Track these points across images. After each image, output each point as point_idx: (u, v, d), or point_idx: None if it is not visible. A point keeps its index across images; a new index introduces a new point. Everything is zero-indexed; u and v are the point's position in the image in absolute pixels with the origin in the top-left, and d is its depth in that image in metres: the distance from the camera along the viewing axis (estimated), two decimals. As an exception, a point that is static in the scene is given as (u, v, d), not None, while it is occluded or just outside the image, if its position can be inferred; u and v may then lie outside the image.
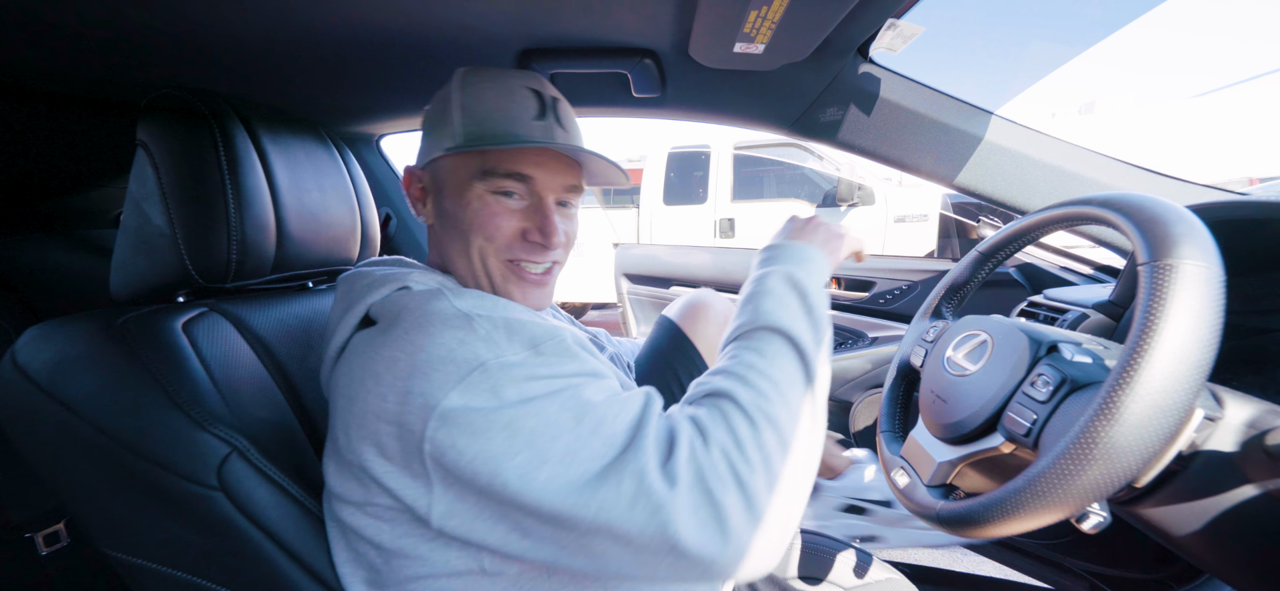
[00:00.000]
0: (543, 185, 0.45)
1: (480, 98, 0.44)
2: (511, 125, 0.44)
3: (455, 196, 0.45)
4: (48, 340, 0.41)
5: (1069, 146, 0.76)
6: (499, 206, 0.44)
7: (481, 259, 0.45)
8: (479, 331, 0.36)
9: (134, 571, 0.43)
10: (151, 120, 0.46)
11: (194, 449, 0.39)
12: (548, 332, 0.38)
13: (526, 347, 0.37)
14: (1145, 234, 0.32)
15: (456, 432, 0.33)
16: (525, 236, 0.45)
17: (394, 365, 0.36)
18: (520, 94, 0.45)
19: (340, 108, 0.82)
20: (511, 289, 0.46)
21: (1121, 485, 0.29)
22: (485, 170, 0.44)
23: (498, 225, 0.44)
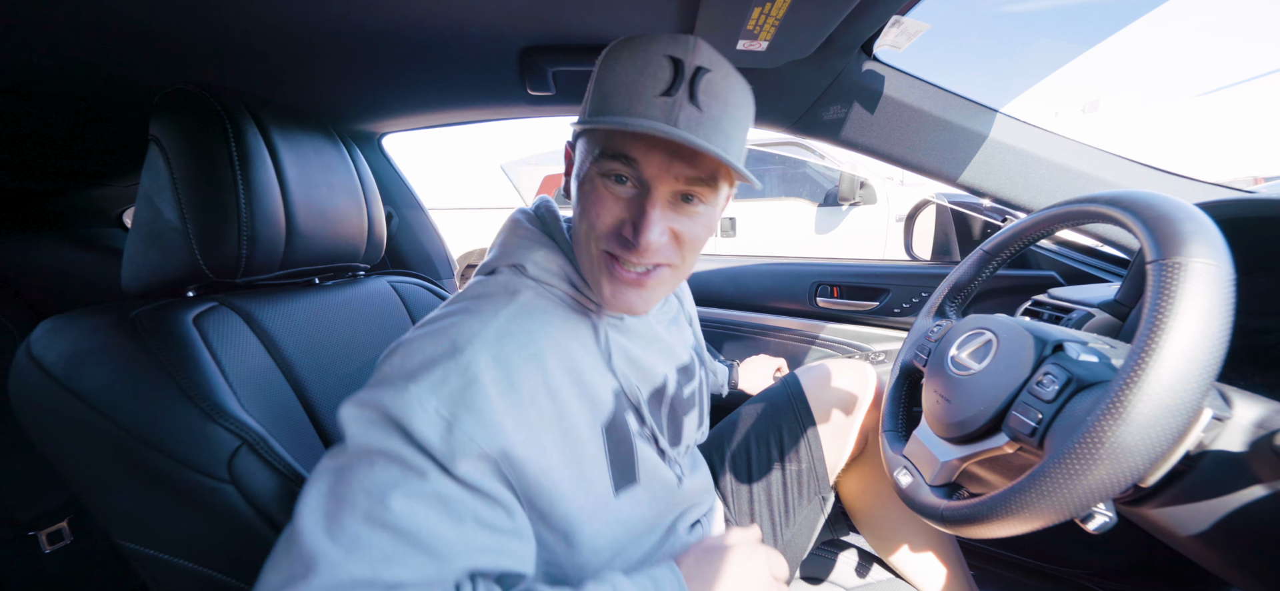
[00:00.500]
0: (651, 173, 0.38)
1: (614, 67, 0.39)
2: (631, 99, 0.37)
3: (577, 177, 0.42)
4: (61, 333, 0.41)
5: (1074, 144, 0.76)
6: (606, 192, 0.40)
7: (587, 243, 0.42)
8: (451, 363, 0.37)
9: (146, 562, 0.43)
10: (164, 116, 0.46)
11: (205, 441, 0.40)
12: (482, 421, 0.36)
13: (448, 413, 0.35)
14: (1153, 232, 0.32)
15: (342, 430, 0.36)
16: (621, 230, 0.40)
17: (432, 324, 0.40)
18: (654, 63, 0.38)
19: (344, 105, 0.82)
20: (602, 283, 0.42)
21: (1128, 485, 0.29)
22: (600, 151, 0.39)
23: (599, 211, 0.40)
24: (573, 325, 0.45)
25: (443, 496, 0.34)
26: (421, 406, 0.35)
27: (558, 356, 0.42)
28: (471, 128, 1.09)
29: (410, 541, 0.33)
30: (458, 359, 0.37)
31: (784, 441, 0.68)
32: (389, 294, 0.72)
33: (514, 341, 0.40)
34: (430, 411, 0.35)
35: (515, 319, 0.41)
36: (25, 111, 0.65)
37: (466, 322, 0.40)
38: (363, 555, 0.32)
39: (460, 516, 0.35)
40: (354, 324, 0.62)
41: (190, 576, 0.43)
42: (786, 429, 0.68)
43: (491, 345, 0.39)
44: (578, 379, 0.42)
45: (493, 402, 0.37)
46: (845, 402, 0.68)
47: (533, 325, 0.42)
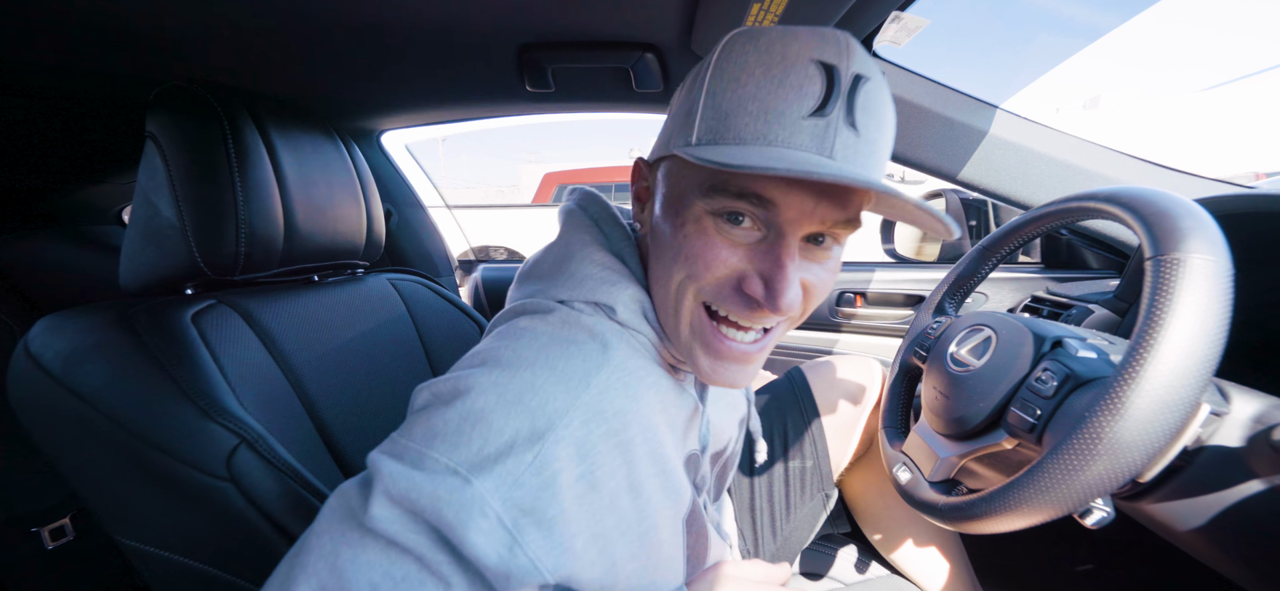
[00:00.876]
0: (789, 215, 0.30)
1: (740, 76, 0.29)
2: (767, 125, 0.29)
3: (671, 210, 0.33)
4: (59, 331, 0.41)
5: (1074, 140, 0.76)
6: (720, 237, 0.31)
7: (678, 297, 0.33)
8: (530, 452, 0.28)
9: (146, 559, 0.43)
10: (160, 113, 0.46)
11: (203, 439, 0.40)
12: (551, 545, 0.27)
13: (513, 525, 0.26)
14: (1152, 228, 0.32)
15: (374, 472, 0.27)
16: (742, 284, 0.32)
17: (504, 370, 0.30)
18: (798, 73, 0.29)
19: (342, 102, 0.82)
20: (698, 354, 0.34)
21: (1126, 481, 0.29)
22: (713, 184, 0.30)
23: (710, 261, 0.31)
24: (662, 394, 0.35)
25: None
26: (483, 514, 0.26)
27: (646, 441, 0.32)
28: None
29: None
30: (538, 450, 0.28)
31: (788, 436, 0.67)
32: (389, 291, 0.72)
33: (604, 425, 0.30)
34: (492, 519, 0.26)
35: (609, 392, 0.31)
36: (22, 108, 0.65)
37: (551, 391, 0.29)
38: None
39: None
40: (354, 321, 0.62)
41: (190, 573, 0.43)
42: (791, 423, 0.67)
43: (578, 430, 0.29)
44: (662, 466, 0.33)
45: (568, 514, 0.28)
46: (851, 399, 0.67)
47: (626, 401, 0.32)
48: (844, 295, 1.00)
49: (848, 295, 1.00)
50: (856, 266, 1.01)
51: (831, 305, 1.01)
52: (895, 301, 0.97)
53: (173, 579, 0.44)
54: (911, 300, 0.97)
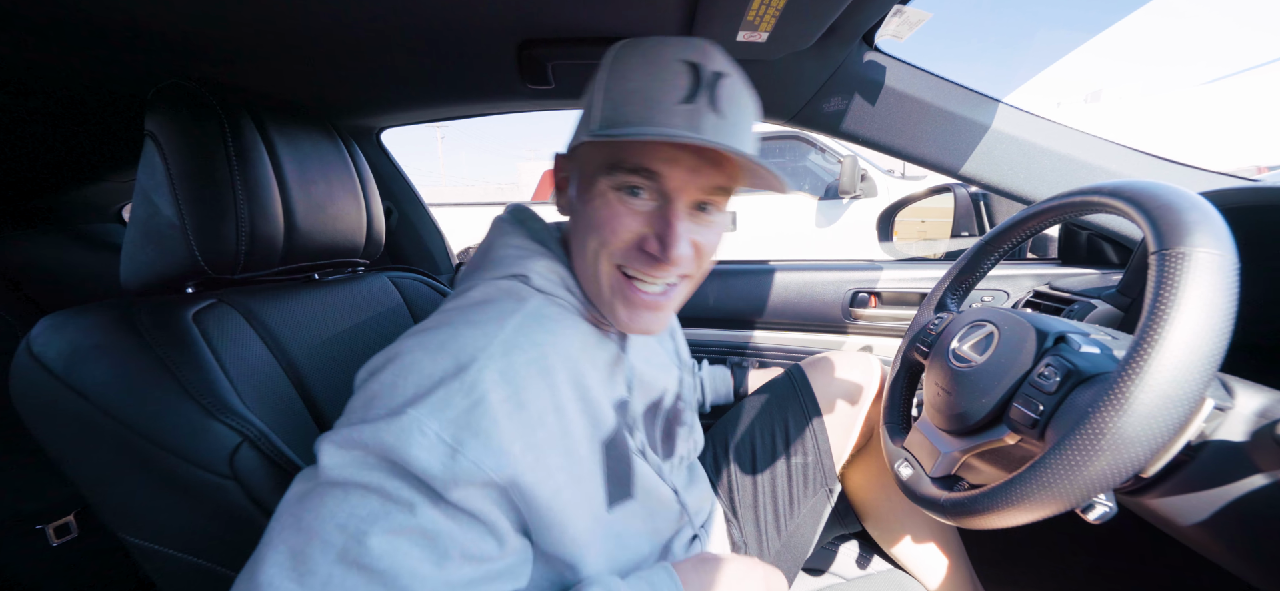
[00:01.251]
0: (674, 184, 0.37)
1: (626, 75, 0.37)
2: (649, 109, 0.36)
3: (584, 189, 0.40)
4: (61, 330, 0.41)
5: (1077, 134, 0.76)
6: (621, 206, 0.38)
7: (596, 262, 0.40)
8: (455, 382, 0.33)
9: (150, 556, 0.44)
10: (159, 111, 0.46)
11: (206, 437, 0.40)
12: (490, 447, 0.32)
13: (452, 439, 0.31)
14: (1156, 222, 0.32)
15: (321, 455, 0.32)
16: (643, 245, 0.39)
17: (422, 338, 0.35)
18: (670, 68, 0.36)
19: (341, 100, 0.82)
20: (616, 305, 0.41)
21: (1129, 476, 0.29)
22: (612, 163, 0.37)
23: (615, 227, 0.38)
24: (582, 336, 0.42)
25: (429, 532, 0.31)
26: (421, 432, 0.31)
27: (566, 369, 0.39)
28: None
29: (387, 583, 0.29)
30: (462, 378, 0.33)
31: (789, 432, 0.67)
32: (389, 290, 0.72)
33: (523, 354, 0.36)
34: (431, 437, 0.31)
35: (524, 329, 0.37)
36: (20, 107, 0.65)
37: (470, 335, 0.35)
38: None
39: (446, 552, 0.31)
40: (355, 320, 0.62)
41: (194, 570, 0.43)
42: (792, 420, 0.68)
43: (499, 359, 0.35)
44: (583, 393, 0.39)
45: (501, 425, 0.33)
46: (850, 394, 0.68)
47: (542, 335, 0.38)
48: (858, 295, 0.97)
49: (862, 295, 0.97)
50: (871, 265, 0.98)
51: (846, 305, 0.97)
52: (910, 301, 0.94)
53: (176, 575, 0.44)
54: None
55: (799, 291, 1.00)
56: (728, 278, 1.05)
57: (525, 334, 0.37)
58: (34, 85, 0.60)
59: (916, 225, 2.28)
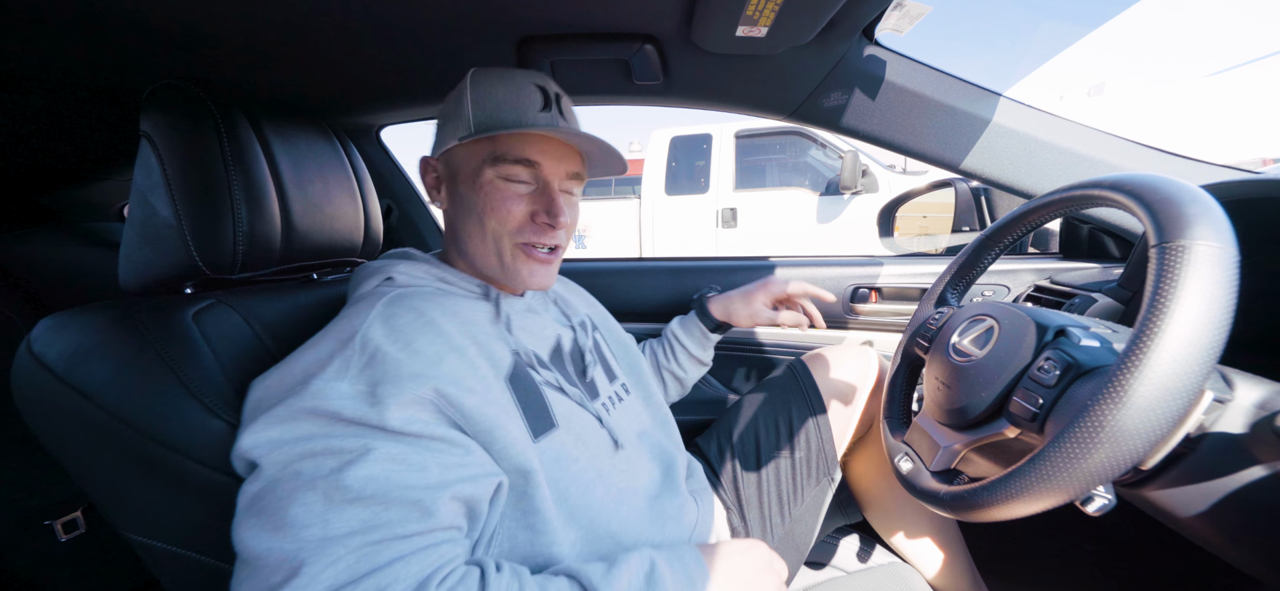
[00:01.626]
0: (548, 170, 0.49)
1: (491, 92, 0.48)
2: (520, 115, 0.47)
3: (469, 182, 0.49)
4: (62, 330, 0.41)
5: (1078, 127, 0.75)
6: (509, 191, 0.48)
7: (495, 241, 0.49)
8: (343, 351, 0.37)
9: (154, 554, 0.44)
10: (154, 111, 0.46)
11: (208, 436, 0.40)
12: (405, 377, 0.36)
13: (366, 385, 0.35)
14: (1157, 215, 0.32)
15: (249, 451, 0.35)
16: (533, 218, 0.49)
17: (298, 349, 0.40)
18: (527, 89, 0.49)
19: (340, 98, 0.81)
20: (521, 267, 0.50)
21: (1127, 468, 0.29)
22: (496, 156, 0.47)
23: (509, 209, 0.48)
24: (458, 302, 0.47)
25: (395, 456, 0.34)
26: (336, 392, 0.35)
27: (451, 321, 0.43)
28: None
29: (383, 502, 0.32)
30: (350, 345, 0.37)
31: (793, 424, 0.69)
32: (389, 288, 0.72)
33: (402, 315, 0.41)
34: (346, 392, 0.35)
35: (396, 301, 0.43)
36: (20, 104, 0.65)
37: (345, 323, 0.40)
38: (342, 538, 0.31)
39: (421, 465, 0.34)
40: (355, 318, 0.62)
41: (197, 566, 0.43)
42: (795, 412, 0.70)
43: (379, 324, 0.39)
44: (474, 337, 0.44)
45: (402, 362, 0.37)
46: (850, 386, 0.69)
47: (417, 302, 0.43)
48: (858, 291, 0.96)
49: (862, 290, 0.96)
50: (871, 261, 0.97)
51: (846, 301, 0.96)
52: (911, 296, 0.94)
53: (178, 571, 0.44)
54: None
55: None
56: (728, 273, 1.05)
57: (399, 305, 0.42)
58: (33, 82, 0.60)
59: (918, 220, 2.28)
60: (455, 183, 0.50)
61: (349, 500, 0.32)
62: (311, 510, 0.31)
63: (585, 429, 0.49)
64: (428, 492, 0.34)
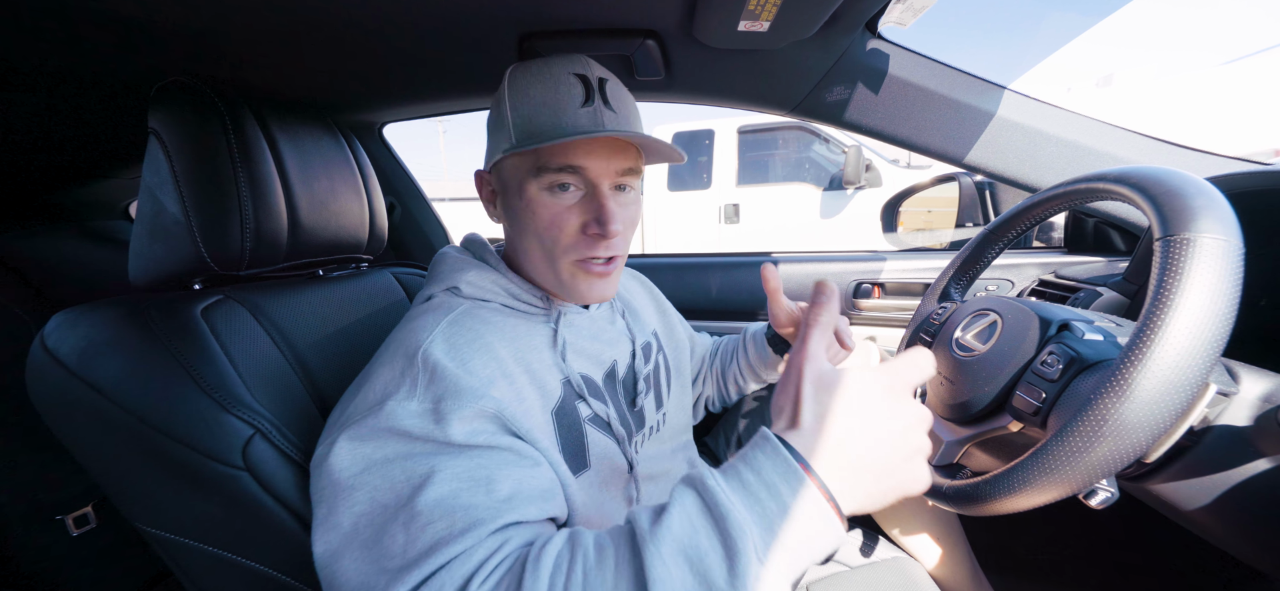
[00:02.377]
0: (596, 173, 0.44)
1: (527, 93, 0.44)
2: (557, 117, 0.43)
3: (517, 196, 0.46)
4: (74, 326, 0.42)
5: (1085, 120, 0.74)
6: (557, 205, 0.44)
7: (549, 260, 0.46)
8: (410, 369, 0.39)
9: (167, 546, 0.45)
10: (162, 108, 0.47)
11: (219, 430, 0.41)
12: (463, 392, 0.37)
13: (431, 402, 0.37)
14: (1161, 208, 0.31)
15: (335, 466, 0.36)
16: (585, 230, 0.45)
17: (378, 359, 0.42)
18: (565, 82, 0.44)
19: (344, 95, 0.82)
20: (578, 284, 0.46)
21: (1130, 461, 0.29)
22: (538, 167, 0.43)
23: (558, 226, 0.44)
24: (517, 323, 0.46)
25: (460, 473, 0.35)
26: (406, 411, 0.36)
27: (507, 346, 0.43)
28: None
29: (453, 517, 0.33)
30: (413, 362, 0.39)
31: None
32: (393, 286, 0.72)
33: (461, 334, 0.42)
34: (414, 411, 0.36)
35: (457, 323, 0.43)
36: (27, 103, 0.65)
37: (410, 335, 0.41)
38: (418, 559, 0.32)
39: (489, 479, 0.35)
40: (359, 315, 0.63)
41: (210, 559, 0.44)
42: None
43: (439, 341, 0.40)
44: (527, 367, 0.44)
45: (461, 379, 0.38)
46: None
47: (475, 324, 0.43)
48: (861, 286, 0.96)
49: (865, 286, 0.95)
50: (874, 256, 0.97)
51: (849, 297, 0.96)
52: (914, 291, 0.93)
53: (191, 562, 0.45)
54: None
55: (802, 283, 1.00)
56: (731, 269, 1.05)
57: (458, 325, 0.42)
58: (40, 79, 0.61)
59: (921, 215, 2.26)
60: (507, 196, 0.47)
61: (422, 527, 0.33)
62: (395, 541, 0.33)
63: (613, 474, 0.48)
64: (494, 511, 0.34)
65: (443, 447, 0.35)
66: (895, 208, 1.33)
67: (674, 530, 0.28)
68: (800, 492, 0.27)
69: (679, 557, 0.27)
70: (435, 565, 0.32)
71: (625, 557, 0.29)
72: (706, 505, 0.28)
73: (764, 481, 0.28)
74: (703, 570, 0.26)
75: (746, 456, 0.29)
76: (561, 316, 0.49)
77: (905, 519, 0.71)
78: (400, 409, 0.36)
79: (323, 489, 0.36)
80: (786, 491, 0.27)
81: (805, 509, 0.27)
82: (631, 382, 0.55)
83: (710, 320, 1.05)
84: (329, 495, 0.36)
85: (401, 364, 0.39)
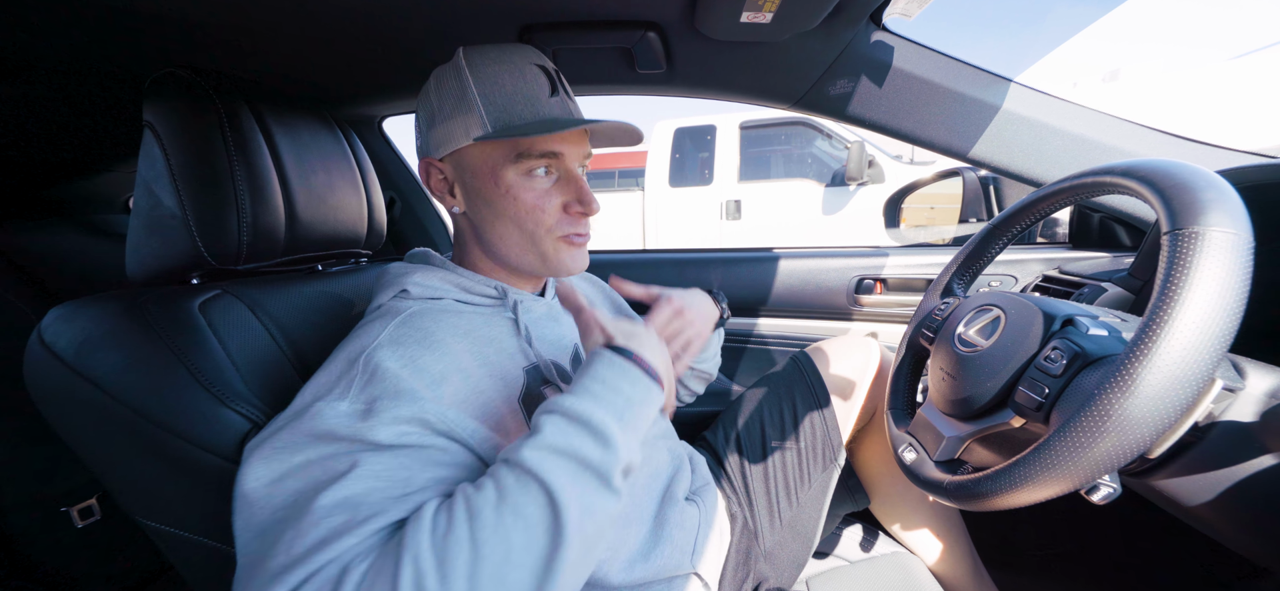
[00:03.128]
0: (569, 158, 0.47)
1: (497, 82, 0.45)
2: (535, 107, 0.45)
3: (490, 183, 0.46)
4: (71, 320, 0.42)
5: (1092, 113, 0.73)
6: (537, 189, 0.46)
7: (534, 242, 0.47)
8: (348, 373, 0.37)
9: (168, 539, 0.45)
10: (156, 100, 0.46)
11: (217, 424, 0.41)
12: (403, 394, 0.35)
13: (364, 403, 0.35)
14: (1170, 201, 0.31)
15: (243, 484, 0.33)
16: (567, 209, 0.47)
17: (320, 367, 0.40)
18: (531, 73, 0.46)
19: (342, 88, 0.81)
20: (564, 257, 0.48)
21: (1134, 457, 0.29)
22: (519, 154, 0.45)
23: (544, 208, 0.46)
24: (473, 318, 0.46)
25: (378, 471, 0.32)
26: (334, 412, 0.34)
27: (463, 341, 0.42)
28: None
29: (352, 506, 0.30)
30: (354, 366, 0.37)
31: (797, 413, 0.69)
32: (393, 279, 0.72)
33: (411, 334, 0.40)
34: (342, 411, 0.34)
35: (406, 323, 0.41)
36: (23, 95, 0.65)
37: (356, 342, 0.40)
38: (301, 558, 0.29)
39: (407, 479, 0.33)
40: (358, 312, 0.63)
41: (211, 553, 0.44)
42: (800, 402, 0.70)
43: (387, 346, 0.38)
44: (485, 360, 0.43)
45: (403, 380, 0.36)
46: (852, 373, 0.70)
47: (426, 323, 0.42)
48: (863, 281, 0.95)
49: (867, 282, 0.95)
50: (876, 251, 0.96)
51: (851, 292, 0.96)
52: (916, 287, 0.93)
53: (193, 556, 0.45)
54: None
55: (803, 279, 0.99)
56: (732, 265, 1.05)
57: (408, 326, 0.41)
58: (35, 72, 0.60)
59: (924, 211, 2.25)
60: (472, 184, 0.47)
61: (315, 522, 0.30)
62: (281, 539, 0.30)
63: None
64: (407, 498, 0.32)
65: (365, 447, 0.33)
66: (898, 203, 1.33)
67: (548, 438, 0.32)
68: (629, 373, 0.37)
69: (559, 457, 0.31)
70: (320, 560, 0.28)
71: (505, 472, 0.31)
72: (571, 418, 0.33)
73: (602, 380, 0.36)
74: (582, 457, 0.32)
75: (586, 370, 0.37)
76: (518, 305, 0.49)
77: (905, 514, 0.71)
78: (328, 409, 0.34)
79: (235, 502, 0.34)
80: (619, 377, 0.36)
81: (639, 384, 0.37)
82: None
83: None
84: (236, 509, 0.33)
85: (339, 368, 0.38)
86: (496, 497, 0.30)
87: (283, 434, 0.34)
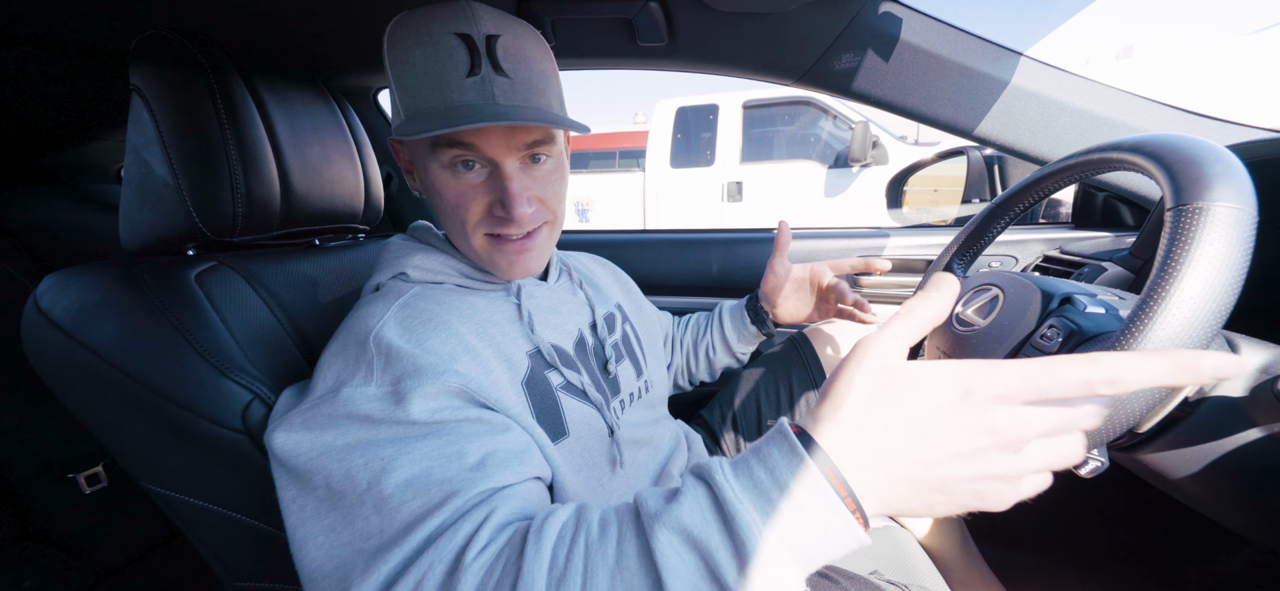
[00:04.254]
0: (494, 151, 0.39)
1: (408, 60, 0.38)
2: (443, 91, 0.37)
3: (424, 174, 0.42)
4: (67, 287, 0.42)
5: (1102, 88, 0.72)
6: (460, 185, 0.41)
7: (464, 239, 0.44)
8: (364, 356, 0.36)
9: (172, 504, 0.46)
10: (143, 63, 0.45)
11: (218, 395, 0.41)
12: (423, 370, 0.35)
13: (389, 384, 0.34)
14: (1175, 176, 0.30)
15: (282, 452, 0.34)
16: (492, 211, 0.41)
17: (326, 351, 0.40)
18: (445, 46, 0.37)
19: (334, 58, 0.79)
20: (498, 261, 0.44)
21: (1123, 432, 0.29)
22: (435, 143, 0.39)
23: (467, 206, 0.41)
24: (476, 300, 0.44)
25: (426, 452, 0.32)
26: (364, 396, 0.34)
27: (467, 322, 0.41)
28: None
29: (426, 487, 0.31)
30: (365, 347, 0.37)
31: (794, 394, 0.70)
32: (391, 256, 0.72)
33: (414, 316, 0.39)
34: (371, 395, 0.34)
35: (408, 305, 0.40)
36: (7, 57, 0.63)
37: (359, 323, 0.39)
38: (397, 537, 0.29)
39: (460, 452, 0.33)
40: (356, 285, 0.63)
41: (217, 517, 0.45)
42: (796, 382, 0.71)
43: (392, 325, 0.38)
44: (491, 340, 0.41)
45: (418, 357, 0.36)
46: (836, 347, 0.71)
47: (429, 305, 0.41)
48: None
49: None
50: (877, 233, 0.96)
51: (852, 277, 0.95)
52: (917, 268, 0.93)
53: (199, 521, 0.46)
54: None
55: (804, 260, 0.98)
56: (732, 246, 1.04)
57: (410, 308, 0.40)
58: (15, 34, 0.58)
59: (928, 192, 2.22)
60: (415, 168, 0.44)
61: (395, 507, 0.30)
62: (369, 523, 0.30)
63: (594, 439, 0.46)
64: (468, 480, 0.32)
65: (407, 428, 0.33)
66: (901, 184, 1.31)
67: (684, 519, 0.26)
68: (814, 491, 0.24)
69: (688, 547, 0.25)
70: (418, 540, 0.29)
71: (630, 536, 0.27)
72: (715, 500, 0.26)
73: (775, 479, 0.25)
74: (713, 565, 0.25)
75: (759, 449, 0.27)
76: (521, 289, 0.48)
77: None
78: (357, 394, 0.34)
79: (279, 474, 0.34)
80: (800, 491, 0.24)
81: (819, 510, 0.24)
82: (600, 349, 0.53)
83: (711, 296, 1.05)
84: (284, 480, 0.34)
85: (353, 351, 0.37)
86: (616, 561, 0.26)
87: (318, 411, 0.34)
